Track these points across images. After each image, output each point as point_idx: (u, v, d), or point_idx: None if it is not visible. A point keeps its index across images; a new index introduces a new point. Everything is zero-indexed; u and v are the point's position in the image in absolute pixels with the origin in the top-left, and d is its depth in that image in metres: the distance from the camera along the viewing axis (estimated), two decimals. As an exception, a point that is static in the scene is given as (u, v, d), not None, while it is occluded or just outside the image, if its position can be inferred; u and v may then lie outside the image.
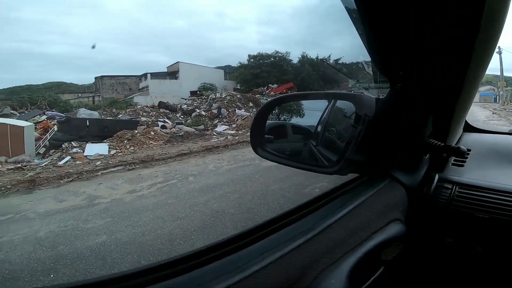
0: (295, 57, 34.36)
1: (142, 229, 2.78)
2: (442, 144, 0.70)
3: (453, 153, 0.72)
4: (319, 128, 0.91)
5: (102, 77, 30.03)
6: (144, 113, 13.24)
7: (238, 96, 14.76)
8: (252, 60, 30.72)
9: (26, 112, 13.88)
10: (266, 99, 14.86)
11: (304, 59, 32.17)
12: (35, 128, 9.01)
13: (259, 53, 31.22)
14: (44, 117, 11.78)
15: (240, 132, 10.24)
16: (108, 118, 11.67)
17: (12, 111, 13.68)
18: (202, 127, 10.93)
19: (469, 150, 0.85)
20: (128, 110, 14.21)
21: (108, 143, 7.99)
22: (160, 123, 10.99)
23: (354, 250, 0.52)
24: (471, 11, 0.47)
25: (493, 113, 16.91)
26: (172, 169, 5.62)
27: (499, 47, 23.63)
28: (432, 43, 0.55)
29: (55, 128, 9.28)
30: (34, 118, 11.39)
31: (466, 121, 1.02)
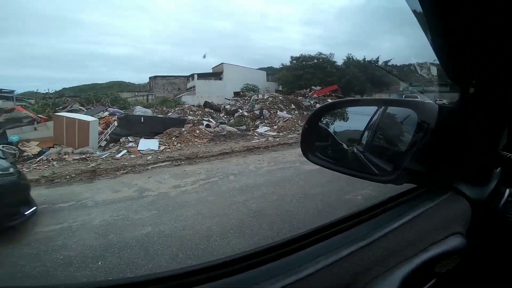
0: (339, 59, 33.25)
1: (183, 224, 2.93)
2: None
3: None
4: (366, 134, 0.87)
5: (155, 77, 32.54)
6: (191, 112, 13.93)
7: (280, 97, 14.70)
8: (294, 61, 30.47)
9: (91, 108, 15.57)
10: (309, 102, 14.58)
11: (349, 61, 30.91)
12: (99, 123, 10.09)
13: (301, 55, 30.85)
14: (106, 113, 13.12)
15: (281, 134, 10.20)
16: (159, 116, 12.53)
17: (80, 107, 15.48)
18: (244, 127, 11.13)
19: None
20: (176, 108, 15.09)
21: (158, 139, 8.59)
22: (205, 122, 11.46)
23: (409, 260, 0.51)
24: None
25: None
26: (214, 167, 5.82)
27: None
28: None
29: (115, 123, 10.27)
30: (98, 114, 12.76)
31: None
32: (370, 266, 0.47)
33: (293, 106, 13.81)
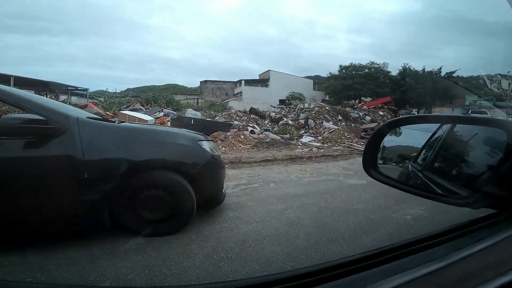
0: (393, 69, 31.40)
1: (220, 226, 3.01)
2: None
3: None
4: (424, 152, 0.83)
5: (205, 81, 34.42)
6: (237, 117, 14.37)
7: (327, 107, 14.35)
8: (343, 70, 29.54)
9: (150, 108, 17.07)
10: (358, 113, 13.98)
11: (405, 71, 28.90)
12: (154, 122, 11.00)
13: (351, 64, 29.81)
14: (162, 113, 14.28)
15: (325, 145, 9.92)
16: (207, 119, 13.18)
17: (140, 107, 17.08)
18: (287, 136, 11.10)
19: None
20: (223, 113, 15.71)
21: (205, 142, 9.02)
22: (250, 128, 11.71)
23: (487, 282, 0.49)
24: None
25: None
26: (256, 173, 5.88)
27: None
28: None
29: (169, 123, 11.09)
30: (155, 114, 13.96)
31: None
32: (447, 286, 0.47)
33: (340, 117, 13.38)
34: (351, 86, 27.16)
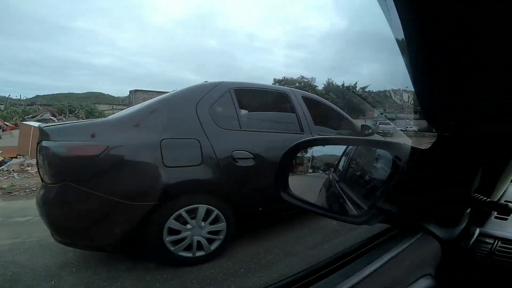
0: (320, 83, 34.33)
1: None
2: (487, 199, 0.67)
3: (499, 211, 0.69)
4: (343, 160, 0.84)
5: (136, 91, 32.23)
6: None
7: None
8: (277, 84, 31.12)
9: (63, 119, 15.10)
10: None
11: (329, 86, 31.92)
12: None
13: (284, 78, 31.63)
14: (78, 125, 12.76)
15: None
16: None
17: (51, 117, 14.96)
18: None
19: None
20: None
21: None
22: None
23: None
24: None
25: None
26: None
27: None
28: (498, 95, 0.50)
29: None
30: (70, 125, 12.38)
31: None
32: None
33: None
34: None
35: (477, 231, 0.73)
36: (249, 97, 2.89)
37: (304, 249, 2.71)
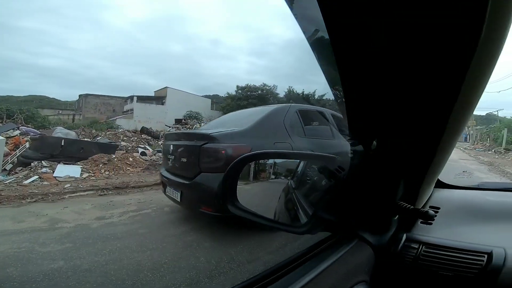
0: (282, 91, 35.32)
1: (106, 258, 2.65)
2: (412, 207, 0.74)
3: (421, 217, 0.75)
4: (300, 167, 0.87)
5: (86, 95, 29.90)
6: (125, 138, 13.14)
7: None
8: (240, 91, 31.12)
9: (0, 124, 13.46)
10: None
11: (290, 94, 32.91)
12: (6, 142, 8.70)
13: (247, 85, 31.85)
14: (17, 132, 11.45)
15: (223, 166, 10.24)
16: (85, 139, 11.45)
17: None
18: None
19: (438, 208, 0.93)
20: (108, 132, 14.06)
21: (81, 166, 7.77)
22: (141, 150, 10.88)
23: None
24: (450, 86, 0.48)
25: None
26: (148, 198, 5.47)
27: None
28: (407, 116, 0.58)
29: (27, 144, 9.00)
30: (7, 132, 11.05)
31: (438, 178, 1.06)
32: None
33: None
34: (246, 107, 28.94)
35: (404, 236, 0.78)
36: (305, 114, 4.03)
37: (265, 254, 2.76)
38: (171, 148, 3.61)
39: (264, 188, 0.90)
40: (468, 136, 30.09)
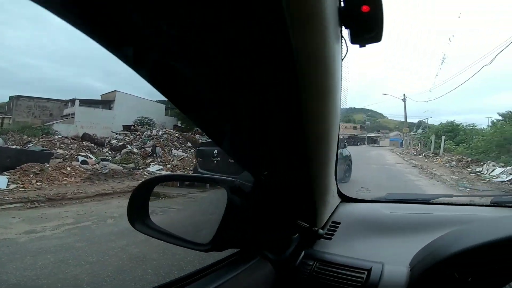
0: None
1: (37, 272, 2.44)
2: (307, 225, 0.78)
3: (313, 236, 0.80)
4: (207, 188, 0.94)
5: (18, 97, 26.43)
6: (62, 145, 12.02)
7: (176, 135, 14.57)
8: None
9: None
10: (206, 139, 15.01)
11: None
12: None
13: None
14: None
15: (175, 173, 9.97)
16: (13, 147, 10.20)
17: None
18: (132, 165, 10.32)
19: (338, 223, 0.96)
20: (42, 139, 12.71)
21: (8, 176, 6.91)
22: (81, 158, 10.05)
23: None
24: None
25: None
26: (88, 209, 5.12)
27: (404, 95, 28.80)
28: (276, 148, 0.61)
29: None
30: None
31: (341, 192, 1.11)
32: None
33: (189, 145, 13.84)
34: None
35: (303, 253, 0.81)
36: None
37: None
38: (216, 152, 4.61)
39: (182, 206, 0.98)
40: (403, 142, 33.68)
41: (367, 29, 0.48)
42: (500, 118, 20.37)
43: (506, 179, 8.66)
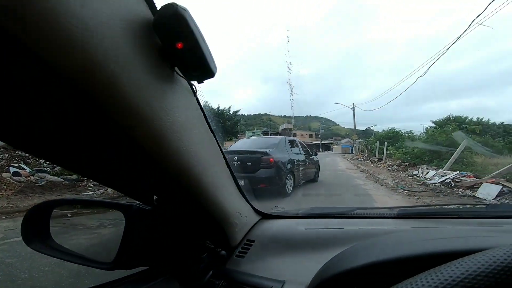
0: None
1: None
2: (212, 246, 0.82)
3: (217, 257, 0.83)
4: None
5: None
6: (-11, 155, 10.65)
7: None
8: None
9: None
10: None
11: (205, 108, 32.91)
12: None
13: None
14: None
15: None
16: None
17: None
18: (75, 176, 9.55)
19: (252, 241, 0.97)
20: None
21: None
22: (13, 169, 9.03)
23: None
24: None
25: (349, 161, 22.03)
26: (19, 224, 4.63)
27: (353, 104, 30.96)
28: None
29: None
30: None
31: (258, 210, 1.13)
32: None
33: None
34: None
35: (210, 272, 0.82)
36: (289, 141, 7.93)
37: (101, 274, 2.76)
38: (236, 158, 6.26)
39: (88, 226, 0.97)
40: (353, 148, 36.04)
41: (192, 66, 0.49)
42: (433, 125, 22.94)
43: (438, 181, 9.40)
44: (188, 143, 0.55)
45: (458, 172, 9.68)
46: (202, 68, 0.49)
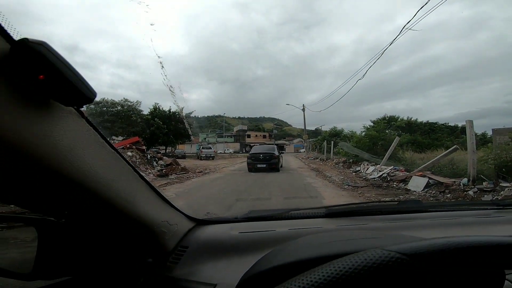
0: (146, 108, 32.88)
1: None
2: (150, 260, 0.84)
3: (145, 264, 0.84)
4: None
5: None
6: None
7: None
8: (93, 106, 26.89)
9: None
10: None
11: (155, 111, 31.08)
12: None
13: (103, 99, 27.74)
14: None
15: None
16: None
17: None
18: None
19: (186, 247, 0.97)
20: None
21: None
22: None
23: None
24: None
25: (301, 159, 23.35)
26: None
27: (303, 105, 31.89)
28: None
29: None
30: None
31: (191, 217, 1.13)
32: None
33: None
34: (100, 124, 25.17)
35: (141, 279, 0.83)
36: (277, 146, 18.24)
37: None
38: (261, 156, 14.04)
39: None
40: (304, 147, 37.46)
41: (65, 94, 0.48)
42: (372, 124, 24.92)
43: (377, 176, 10.02)
44: (79, 162, 0.55)
45: (392, 167, 10.33)
46: (76, 95, 0.49)
